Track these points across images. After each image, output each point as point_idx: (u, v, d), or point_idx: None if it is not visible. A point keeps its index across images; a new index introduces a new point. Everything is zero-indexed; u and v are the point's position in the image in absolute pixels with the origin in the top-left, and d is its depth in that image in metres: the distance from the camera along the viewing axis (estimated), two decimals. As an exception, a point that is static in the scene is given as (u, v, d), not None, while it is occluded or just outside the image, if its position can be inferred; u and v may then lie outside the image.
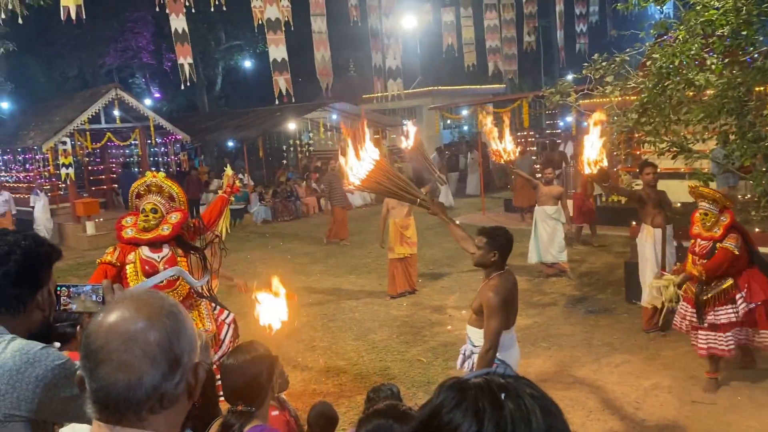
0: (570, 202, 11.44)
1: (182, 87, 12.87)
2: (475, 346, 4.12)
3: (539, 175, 11.88)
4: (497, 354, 3.91)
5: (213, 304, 4.71)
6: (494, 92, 23.53)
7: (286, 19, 13.35)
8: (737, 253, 5.38)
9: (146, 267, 4.38)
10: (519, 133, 20.30)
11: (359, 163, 4.16)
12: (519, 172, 10.18)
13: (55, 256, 1.91)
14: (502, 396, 0.88)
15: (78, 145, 16.21)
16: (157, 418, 1.16)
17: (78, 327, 1.89)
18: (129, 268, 4.40)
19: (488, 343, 3.81)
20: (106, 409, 1.14)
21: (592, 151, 5.78)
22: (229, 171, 5.63)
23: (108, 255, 4.50)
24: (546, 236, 9.46)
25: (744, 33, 5.93)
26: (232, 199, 5.47)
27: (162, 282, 4.43)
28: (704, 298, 5.50)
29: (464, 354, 4.25)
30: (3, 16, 10.55)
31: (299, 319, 5.67)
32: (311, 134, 23.15)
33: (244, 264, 11.23)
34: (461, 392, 0.90)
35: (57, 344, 1.87)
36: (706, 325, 5.50)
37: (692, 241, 5.81)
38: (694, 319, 5.60)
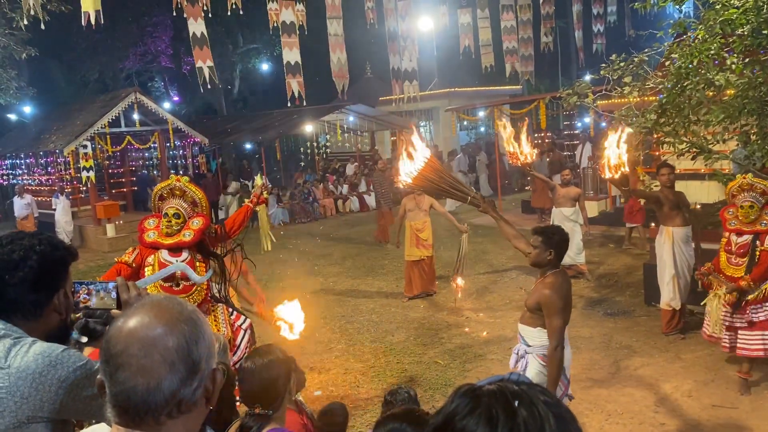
0: (587, 204, 11.31)
1: (201, 90, 12.96)
2: (529, 346, 4.11)
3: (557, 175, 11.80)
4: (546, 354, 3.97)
5: (230, 309, 4.73)
6: (511, 93, 23.44)
7: (301, 22, 13.43)
8: None
9: None
10: (536, 134, 20.16)
11: (411, 162, 4.23)
12: (536, 174, 10.14)
13: (71, 258, 1.91)
14: (516, 403, 0.88)
15: (98, 149, 16.42)
16: (176, 423, 1.17)
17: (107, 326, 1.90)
18: (147, 271, 4.43)
19: (555, 341, 3.88)
20: (125, 413, 1.16)
21: (614, 155, 5.70)
22: (259, 180, 5.45)
23: (126, 255, 4.55)
24: None
25: (765, 32, 5.85)
26: (258, 209, 5.42)
27: (178, 284, 4.46)
28: (743, 299, 5.46)
29: (517, 354, 4.25)
30: (25, 21, 10.73)
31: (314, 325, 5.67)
32: (328, 136, 23.22)
33: (261, 268, 11.27)
34: (475, 399, 0.90)
35: (84, 338, 1.88)
36: (745, 324, 5.45)
37: (725, 238, 5.74)
38: (728, 319, 5.55)
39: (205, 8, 12.06)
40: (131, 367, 1.14)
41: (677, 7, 7.11)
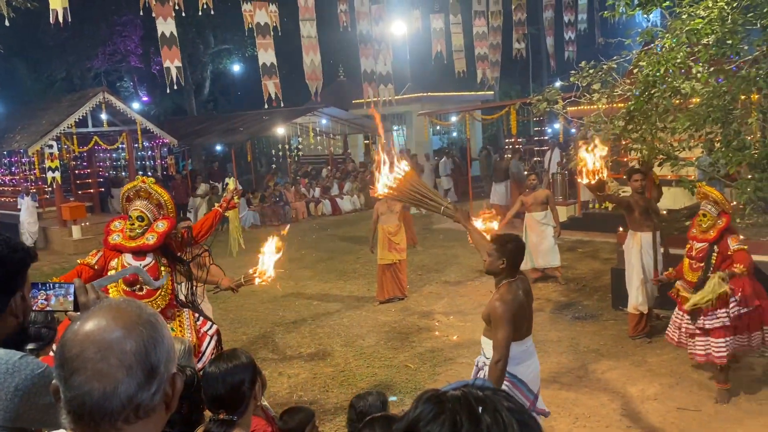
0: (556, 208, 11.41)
1: (168, 91, 12.93)
2: (487, 358, 3.98)
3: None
4: (509, 368, 3.84)
5: (196, 315, 4.63)
6: (483, 99, 23.62)
7: (274, 24, 13.41)
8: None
9: (125, 275, 4.30)
10: (507, 140, 20.31)
11: (389, 173, 4.26)
12: (509, 215, 10.05)
13: (30, 260, 1.86)
14: (480, 409, 0.87)
15: (65, 149, 16.11)
16: (133, 429, 1.14)
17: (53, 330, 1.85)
18: (110, 274, 4.33)
19: (497, 354, 3.73)
20: (80, 419, 1.12)
21: (592, 161, 5.71)
22: (231, 184, 5.33)
23: (90, 257, 4.44)
24: (537, 242, 9.49)
25: (729, 42, 5.99)
26: (228, 214, 5.33)
27: (142, 289, 4.37)
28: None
29: (477, 365, 4.14)
30: (-11, 18, 10.49)
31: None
32: (300, 139, 23.12)
33: (230, 271, 11.15)
34: (439, 405, 0.89)
35: (31, 345, 1.83)
36: (700, 329, 5.46)
37: (688, 244, 5.79)
38: (690, 326, 5.56)
39: (176, 7, 11.97)
40: (87, 371, 1.11)
41: (645, 16, 7.24)
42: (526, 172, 14.80)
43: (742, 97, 6.45)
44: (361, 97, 23.70)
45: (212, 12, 12.46)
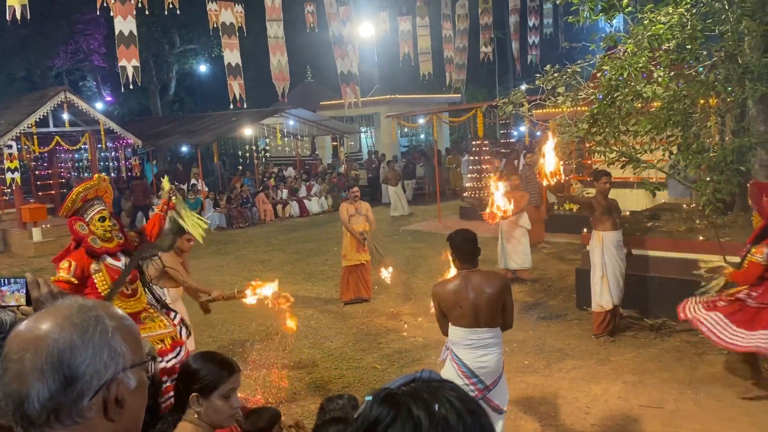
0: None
1: (122, 90, 12.80)
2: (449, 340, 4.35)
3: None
4: (456, 351, 4.19)
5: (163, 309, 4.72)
6: (450, 101, 23.78)
7: (240, 24, 13.33)
8: (765, 264, 5.19)
9: (114, 276, 4.30)
10: (474, 142, 20.49)
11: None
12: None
13: None
14: (436, 407, 0.90)
15: (25, 149, 15.72)
16: None
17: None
18: (97, 278, 4.22)
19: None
20: (14, 419, 1.10)
21: (550, 163, 5.78)
22: (165, 185, 5.24)
23: (63, 272, 4.18)
24: (509, 242, 9.56)
25: (689, 47, 6.15)
26: (171, 214, 5.28)
27: (127, 288, 4.40)
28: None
29: (446, 346, 4.41)
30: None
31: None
32: (268, 140, 22.96)
33: (195, 274, 11.01)
34: (395, 407, 0.91)
35: None
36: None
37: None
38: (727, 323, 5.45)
39: (140, 5, 11.82)
40: (10, 372, 1.09)
41: (608, 21, 7.39)
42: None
43: (701, 101, 6.64)
44: (328, 99, 23.68)
45: (178, 11, 12.32)
